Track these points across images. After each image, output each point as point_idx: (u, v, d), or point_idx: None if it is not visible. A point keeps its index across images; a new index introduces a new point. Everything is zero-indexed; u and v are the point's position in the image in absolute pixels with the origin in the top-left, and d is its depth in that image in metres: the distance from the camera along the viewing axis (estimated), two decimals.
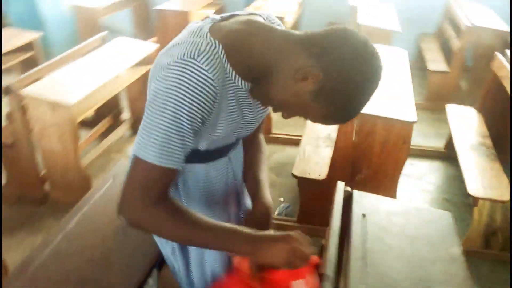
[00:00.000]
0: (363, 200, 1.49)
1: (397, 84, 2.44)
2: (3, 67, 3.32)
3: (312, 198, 2.41)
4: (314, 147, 2.58)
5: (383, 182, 2.26)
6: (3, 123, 2.60)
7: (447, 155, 3.14)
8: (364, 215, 1.41)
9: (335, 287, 1.19)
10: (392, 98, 2.26)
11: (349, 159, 2.24)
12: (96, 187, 1.57)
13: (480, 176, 2.33)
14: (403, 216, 1.44)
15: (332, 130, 2.69)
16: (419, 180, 2.95)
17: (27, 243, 2.44)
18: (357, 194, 1.51)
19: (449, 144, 3.02)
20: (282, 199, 2.75)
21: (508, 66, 2.65)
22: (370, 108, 2.13)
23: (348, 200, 1.49)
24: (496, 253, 2.32)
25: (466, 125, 2.88)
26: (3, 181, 2.78)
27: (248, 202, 1.35)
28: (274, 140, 3.36)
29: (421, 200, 2.75)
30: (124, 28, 5.22)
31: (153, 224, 0.93)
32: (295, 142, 3.06)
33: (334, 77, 0.86)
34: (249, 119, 1.07)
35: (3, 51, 3.30)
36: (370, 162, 2.23)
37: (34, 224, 2.59)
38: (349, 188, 1.52)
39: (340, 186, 1.51)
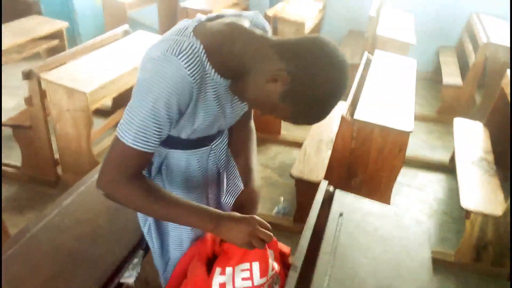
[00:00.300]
0: (344, 200, 1.55)
1: (400, 93, 2.48)
2: (29, 52, 3.49)
3: (308, 199, 2.44)
4: (315, 150, 2.65)
5: (378, 188, 2.31)
6: (20, 104, 2.74)
7: (451, 168, 3.15)
8: (341, 214, 1.47)
9: (303, 277, 1.27)
10: (392, 106, 2.31)
11: (346, 163, 2.30)
12: (96, 170, 1.67)
13: (475, 190, 2.35)
14: (380, 218, 1.50)
15: (335, 134, 2.74)
16: (419, 191, 2.98)
17: None
18: (338, 194, 1.57)
19: (454, 158, 3.04)
20: (282, 198, 2.82)
21: None
22: (368, 115, 2.20)
23: (330, 198, 1.56)
24: (486, 266, 2.34)
25: (471, 139, 2.89)
26: (19, 162, 2.94)
27: (237, 185, 1.44)
28: (282, 142, 3.44)
29: (418, 211, 2.78)
30: (149, 23, 5.39)
31: (125, 197, 1.03)
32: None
33: (300, 81, 0.94)
34: (228, 112, 1.16)
35: (31, 37, 3.47)
36: (366, 168, 2.28)
37: (44, 204, 2.72)
38: (331, 188, 1.59)
39: (323, 185, 1.58)
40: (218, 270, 1.14)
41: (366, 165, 2.27)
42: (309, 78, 0.94)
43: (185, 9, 4.18)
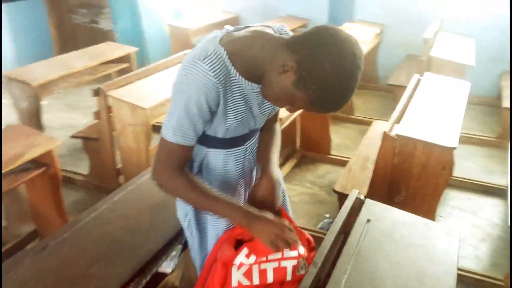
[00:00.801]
0: (373, 208, 1.59)
1: (447, 113, 2.46)
2: (102, 73, 3.84)
3: None
4: (360, 167, 2.68)
5: (421, 206, 2.29)
6: (92, 121, 3.04)
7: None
8: (369, 220, 1.51)
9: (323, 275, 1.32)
10: (437, 124, 2.30)
11: (388, 179, 2.31)
12: (141, 174, 1.85)
13: None
14: (408, 227, 1.52)
15: None
16: (472, 215, 2.88)
17: None
18: (369, 202, 1.62)
19: None
20: (327, 215, 2.85)
21: None
22: (411, 131, 2.21)
23: (361, 207, 1.60)
24: None
25: None
26: (86, 171, 3.23)
27: None
28: (332, 161, 3.48)
29: (469, 235, 2.69)
30: None
31: (173, 188, 1.21)
32: None
33: (306, 66, 1.03)
34: (256, 113, 1.27)
35: (105, 60, 3.83)
36: (408, 185, 2.28)
37: None
38: (362, 196, 1.63)
39: (354, 193, 1.64)
40: (245, 250, 1.23)
41: (409, 183, 2.27)
42: (312, 61, 1.02)
43: None
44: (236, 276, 1.23)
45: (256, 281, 1.22)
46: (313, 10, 5.16)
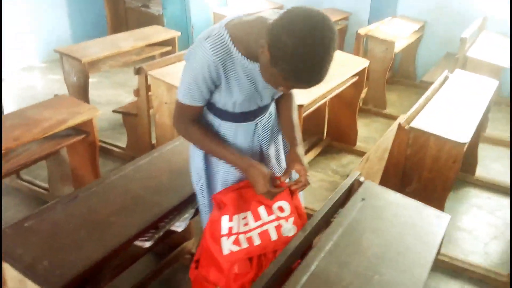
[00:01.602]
0: (371, 189, 1.71)
1: (468, 110, 2.51)
2: (148, 55, 4.09)
3: None
4: (378, 157, 2.77)
5: (432, 198, 2.36)
6: (131, 99, 3.29)
7: None
8: (363, 198, 1.64)
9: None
10: (454, 120, 2.36)
11: (401, 170, 2.40)
12: (164, 144, 2.05)
13: None
14: (401, 207, 1.63)
15: None
16: (489, 214, 2.91)
17: None
18: (368, 183, 1.74)
19: None
20: None
21: None
22: (426, 124, 2.29)
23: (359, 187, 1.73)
24: None
25: None
26: (125, 144, 3.49)
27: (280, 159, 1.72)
28: (356, 152, 3.58)
29: (482, 232, 2.73)
30: None
31: (186, 135, 1.47)
32: None
33: (275, 45, 1.14)
34: (261, 89, 1.43)
35: (150, 42, 4.08)
36: (420, 176, 2.36)
37: None
38: (362, 178, 1.76)
39: (354, 174, 1.76)
40: (226, 216, 1.41)
41: (421, 174, 2.35)
42: (278, 39, 1.12)
43: None
44: (227, 245, 1.40)
45: (244, 245, 1.39)
46: (356, 4, 5.21)
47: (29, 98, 4.36)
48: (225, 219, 1.43)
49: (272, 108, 1.64)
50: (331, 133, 3.67)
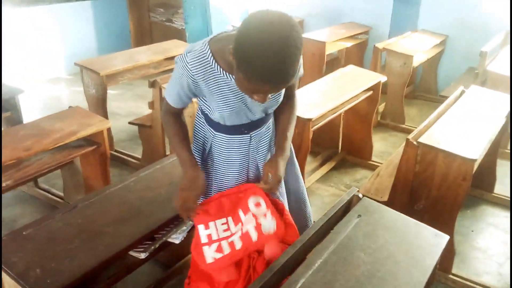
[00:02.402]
0: (368, 206, 1.68)
1: (480, 126, 2.45)
2: (166, 68, 4.16)
3: None
4: (388, 173, 2.72)
5: (441, 216, 2.30)
6: (146, 111, 3.36)
7: None
8: (360, 215, 1.61)
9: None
10: (465, 136, 2.31)
11: (409, 186, 2.35)
12: (172, 155, 2.08)
13: None
14: (398, 225, 1.59)
15: None
16: (505, 233, 2.80)
17: None
18: (365, 200, 1.71)
19: None
20: None
21: None
22: (434, 140, 2.24)
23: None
24: None
25: None
26: (141, 155, 3.55)
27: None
28: (371, 167, 3.52)
29: (497, 252, 2.63)
30: None
31: (164, 124, 1.56)
32: None
33: (236, 50, 1.16)
34: (250, 104, 1.43)
35: (169, 56, 4.15)
36: (429, 194, 2.30)
37: None
38: (360, 195, 1.73)
39: (352, 190, 1.74)
40: (201, 226, 1.42)
41: (429, 191, 2.30)
42: (237, 44, 1.15)
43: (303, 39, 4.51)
44: (210, 254, 1.41)
45: (227, 251, 1.39)
46: (377, 18, 5.18)
47: (52, 109, 4.47)
48: (201, 228, 1.44)
49: (271, 121, 1.64)
50: (346, 147, 3.64)
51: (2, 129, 3.01)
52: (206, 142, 1.59)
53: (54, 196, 3.07)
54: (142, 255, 1.61)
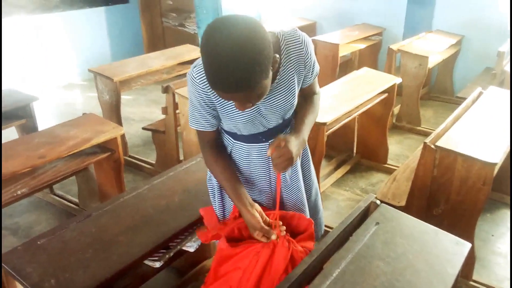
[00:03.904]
0: (386, 213, 1.64)
1: (499, 128, 2.39)
2: (178, 73, 4.16)
3: None
4: (405, 177, 2.67)
5: (460, 222, 2.25)
6: (160, 116, 3.35)
7: None
8: (378, 223, 1.57)
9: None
10: (484, 139, 2.25)
11: (427, 191, 2.30)
12: (185, 162, 2.06)
13: None
14: (417, 233, 1.55)
15: None
16: None
17: None
18: (383, 207, 1.67)
19: None
20: None
21: None
22: (453, 143, 2.19)
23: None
24: None
25: None
26: (155, 161, 3.55)
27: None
28: (387, 170, 3.47)
29: None
30: None
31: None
32: None
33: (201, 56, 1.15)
34: (264, 111, 1.40)
35: (181, 61, 4.15)
36: (448, 198, 2.25)
37: None
38: (378, 201, 1.69)
39: (370, 197, 1.70)
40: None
41: (448, 196, 2.24)
42: (200, 51, 1.14)
43: (316, 41, 4.48)
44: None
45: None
46: (391, 19, 5.11)
47: (66, 115, 4.53)
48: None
49: (292, 127, 1.60)
50: (361, 151, 3.59)
51: (18, 136, 3.04)
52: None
53: (69, 203, 3.08)
54: (157, 264, 1.59)
